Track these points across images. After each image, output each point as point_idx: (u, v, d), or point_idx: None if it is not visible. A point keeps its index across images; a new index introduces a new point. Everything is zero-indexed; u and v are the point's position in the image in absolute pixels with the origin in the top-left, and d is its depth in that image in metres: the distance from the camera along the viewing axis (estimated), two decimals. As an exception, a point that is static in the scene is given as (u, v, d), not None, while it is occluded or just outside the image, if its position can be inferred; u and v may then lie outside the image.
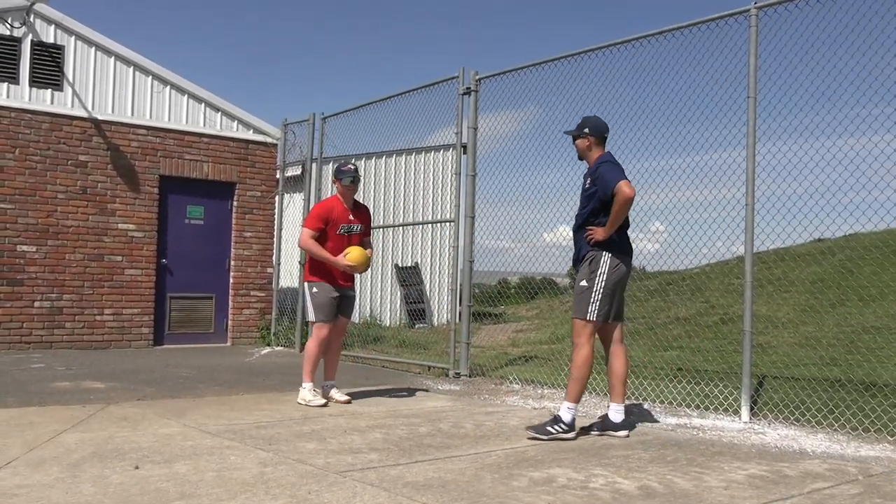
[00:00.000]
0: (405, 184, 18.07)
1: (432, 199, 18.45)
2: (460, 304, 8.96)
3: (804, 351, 9.39)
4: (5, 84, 10.52)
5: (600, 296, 5.50)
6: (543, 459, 4.69)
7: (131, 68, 11.48)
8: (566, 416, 5.43)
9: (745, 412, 6.20)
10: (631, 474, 4.35)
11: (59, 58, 10.89)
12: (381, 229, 17.32)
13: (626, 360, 5.70)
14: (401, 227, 17.66)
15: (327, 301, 6.74)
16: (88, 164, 11.05)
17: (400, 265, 17.72)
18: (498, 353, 10.73)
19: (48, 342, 10.65)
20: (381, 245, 17.39)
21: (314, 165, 11.63)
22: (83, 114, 11.02)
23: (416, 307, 17.41)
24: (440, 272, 18.33)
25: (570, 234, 5.90)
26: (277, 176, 12.74)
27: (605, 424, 5.62)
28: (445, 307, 18.26)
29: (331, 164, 16.09)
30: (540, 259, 8.47)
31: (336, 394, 6.91)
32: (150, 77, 11.64)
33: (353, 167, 6.88)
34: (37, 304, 10.61)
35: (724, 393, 6.66)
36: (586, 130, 5.74)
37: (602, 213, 5.54)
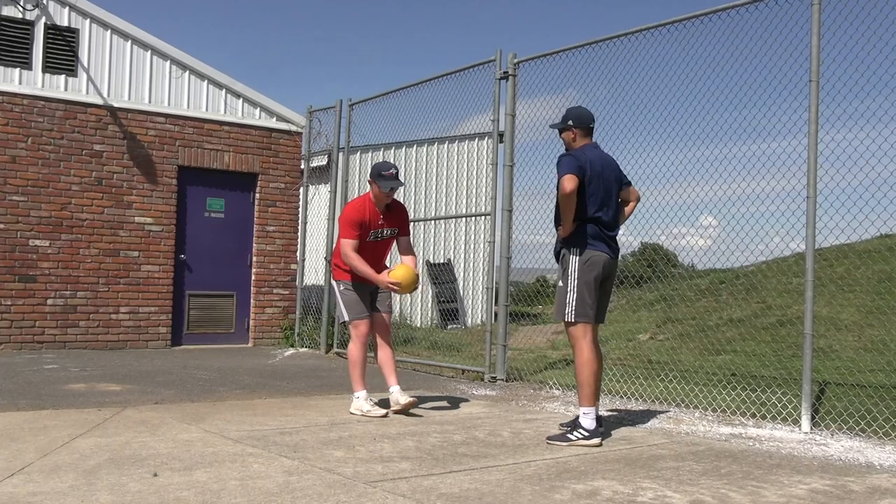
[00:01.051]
0: (437, 175, 18.08)
1: (466, 192, 18.45)
2: (496, 304, 8.95)
3: (870, 356, 9.25)
4: (17, 70, 10.69)
5: (575, 295, 5.61)
6: (587, 471, 4.67)
7: (149, 52, 11.61)
8: (586, 423, 5.50)
9: (805, 422, 6.12)
10: (682, 488, 4.31)
11: (73, 42, 11.03)
12: (412, 223, 17.35)
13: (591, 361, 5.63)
14: (433, 221, 17.69)
15: (356, 296, 6.52)
16: (104, 154, 11.19)
17: (431, 262, 17.74)
18: (536, 356, 10.70)
19: (61, 342, 10.81)
20: (411, 240, 17.41)
21: (341, 155, 11.67)
22: (98, 101, 11.16)
23: (448, 306, 17.43)
24: (474, 269, 18.33)
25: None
26: (302, 166, 12.80)
27: (573, 425, 5.66)
28: (480, 307, 18.27)
29: (358, 154, 16.20)
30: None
31: (401, 396, 6.47)
32: (169, 62, 11.76)
33: (395, 171, 6.63)
34: (50, 301, 10.77)
35: (783, 401, 6.58)
36: (570, 122, 5.85)
37: None
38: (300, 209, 12.74)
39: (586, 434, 5.45)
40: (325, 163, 14.20)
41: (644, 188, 7.32)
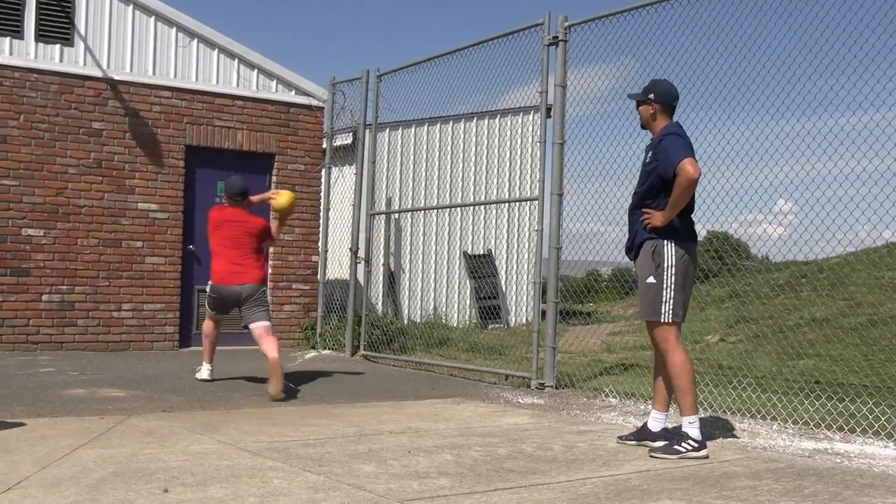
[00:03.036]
0: (477, 154, 18.07)
1: (510, 173, 18.43)
2: (544, 301, 8.93)
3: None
4: (7, 39, 10.85)
5: (672, 293, 5.65)
6: (650, 489, 4.66)
7: (152, 18, 11.72)
8: (693, 433, 5.57)
9: (900, 436, 6.05)
10: (759, 510, 4.29)
11: (68, 7, 11.17)
12: (448, 209, 17.39)
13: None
14: (471, 208, 17.69)
15: None
16: (103, 132, 11.33)
17: (469, 253, 17.76)
18: (590, 360, 10.68)
19: (58, 342, 10.98)
20: (447, 228, 17.47)
21: (368, 132, 11.71)
22: (97, 73, 11.30)
23: (489, 304, 17.44)
24: (518, 261, 18.32)
25: None
26: (324, 145, 12.86)
27: (642, 434, 5.89)
28: (525, 304, 18.26)
29: (387, 132, 16.25)
30: (638, 246, 8.36)
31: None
32: (175, 29, 11.87)
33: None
34: (45, 297, 10.94)
35: (875, 412, 6.51)
36: (651, 96, 5.87)
37: (662, 194, 5.67)
38: (322, 194, 12.80)
39: (695, 445, 5.53)
40: (349, 141, 14.25)
41: (711, 170, 7.28)
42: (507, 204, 18.00)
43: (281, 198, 8.61)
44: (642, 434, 5.92)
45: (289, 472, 4.83)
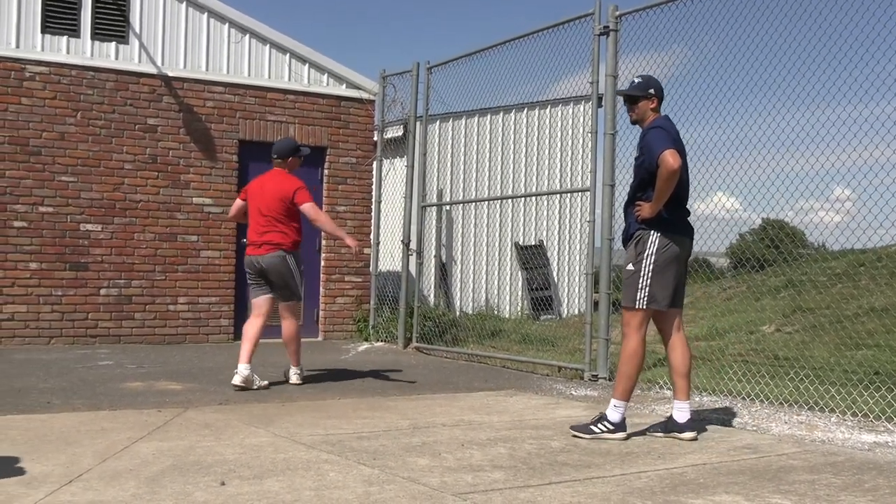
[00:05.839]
0: (528, 145, 18.01)
1: (560, 164, 18.35)
2: (597, 292, 8.89)
3: None
4: (65, 38, 11.02)
5: (649, 280, 5.81)
6: (706, 483, 4.62)
7: (205, 15, 11.83)
8: (613, 416, 5.81)
9: (963, 428, 5.93)
10: (818, 504, 4.24)
11: (123, 5, 11.31)
12: (499, 201, 17.36)
13: (687, 352, 5.99)
14: (522, 199, 17.64)
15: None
16: (158, 128, 11.47)
17: (521, 244, 17.72)
18: (643, 352, 10.59)
19: (116, 336, 11.16)
20: (498, 219, 17.43)
21: (418, 125, 11.72)
22: (152, 70, 11.44)
23: (540, 294, 17.39)
24: (570, 252, 18.24)
25: (728, 203, 6.17)
26: (375, 138, 12.90)
27: (669, 425, 5.96)
28: (577, 295, 18.18)
29: (437, 124, 16.25)
30: (690, 234, 8.28)
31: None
32: (227, 24, 11.96)
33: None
34: (103, 291, 11.12)
35: (936, 404, 6.39)
36: (652, 91, 6.03)
37: (650, 187, 5.85)
38: (374, 186, 12.84)
39: (611, 427, 5.81)
40: (400, 134, 14.29)
41: (765, 155, 7.19)
42: (558, 195, 17.91)
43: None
44: (668, 426, 5.97)
45: (343, 465, 4.86)
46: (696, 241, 6.24)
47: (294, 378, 8.21)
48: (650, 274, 5.81)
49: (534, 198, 17.74)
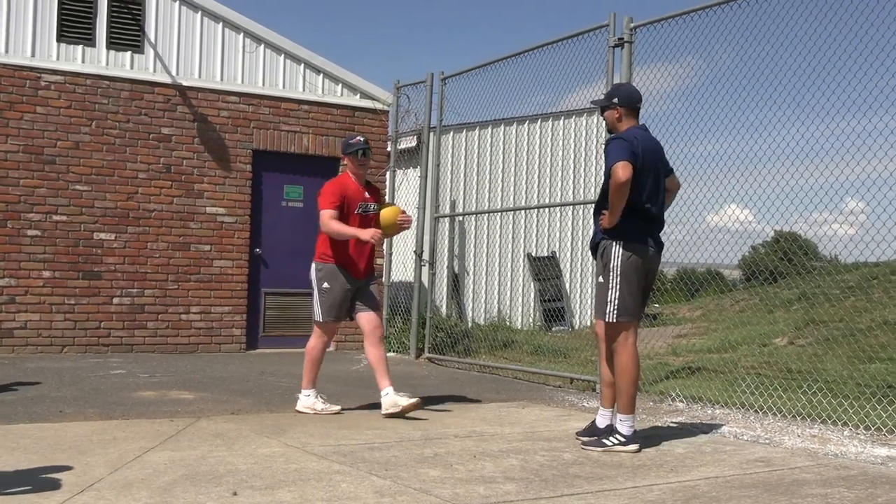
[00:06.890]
0: (541, 156, 18.00)
1: (573, 175, 18.33)
2: (610, 304, 8.86)
3: None
4: (80, 47, 11.07)
5: (617, 293, 5.87)
6: (719, 497, 4.60)
7: (220, 24, 11.88)
8: (623, 430, 5.84)
9: (978, 443, 5.89)
10: (832, 519, 4.22)
11: (139, 14, 11.37)
12: (512, 212, 17.35)
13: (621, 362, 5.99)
14: (535, 210, 17.63)
15: (337, 300, 7.20)
16: (172, 137, 11.51)
17: (534, 255, 17.70)
18: (655, 364, 10.58)
19: (128, 344, 11.18)
20: (511, 231, 17.43)
21: (432, 135, 11.74)
22: (166, 79, 11.49)
23: (553, 306, 17.37)
24: (582, 264, 18.20)
25: (740, 215, 6.25)
26: (389, 149, 12.92)
27: (591, 430, 6.10)
28: (589, 306, 18.14)
29: (451, 134, 16.26)
30: (703, 246, 8.29)
31: (401, 398, 6.90)
32: (242, 34, 12.01)
33: (361, 138, 7.31)
34: (115, 300, 11.15)
35: (951, 418, 6.35)
36: (615, 100, 6.10)
37: None
38: (387, 196, 12.85)
39: (622, 440, 5.79)
40: (414, 144, 14.31)
41: (778, 167, 7.18)
42: (571, 206, 17.89)
43: (385, 214, 7.36)
44: (591, 430, 6.13)
45: (355, 476, 4.86)
46: (711, 251, 6.26)
47: (297, 404, 7.22)
48: (619, 287, 5.86)
49: (547, 209, 17.72)
